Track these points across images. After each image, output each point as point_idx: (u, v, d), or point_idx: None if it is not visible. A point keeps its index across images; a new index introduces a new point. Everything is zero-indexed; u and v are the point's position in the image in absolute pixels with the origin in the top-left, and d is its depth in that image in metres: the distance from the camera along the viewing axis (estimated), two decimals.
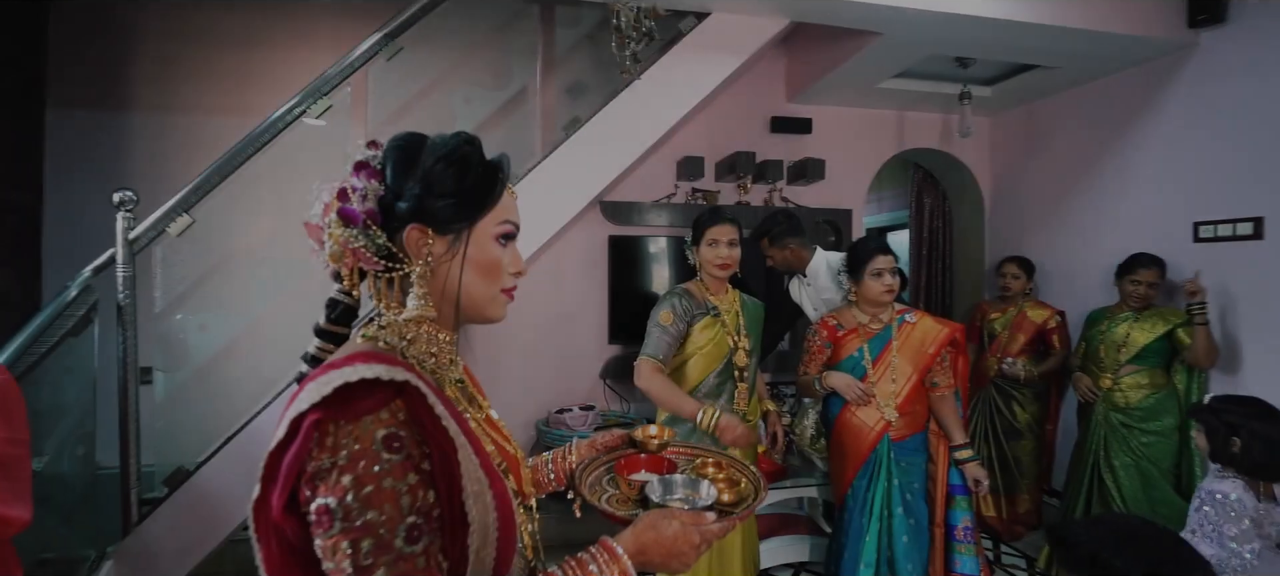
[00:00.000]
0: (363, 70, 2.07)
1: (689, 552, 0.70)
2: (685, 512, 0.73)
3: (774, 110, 3.43)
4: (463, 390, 0.77)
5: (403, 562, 0.55)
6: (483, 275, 0.72)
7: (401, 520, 0.56)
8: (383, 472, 0.56)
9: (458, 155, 0.70)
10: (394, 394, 0.59)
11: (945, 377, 2.02)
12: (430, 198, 0.68)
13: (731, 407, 1.88)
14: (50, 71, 2.72)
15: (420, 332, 0.71)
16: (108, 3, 2.77)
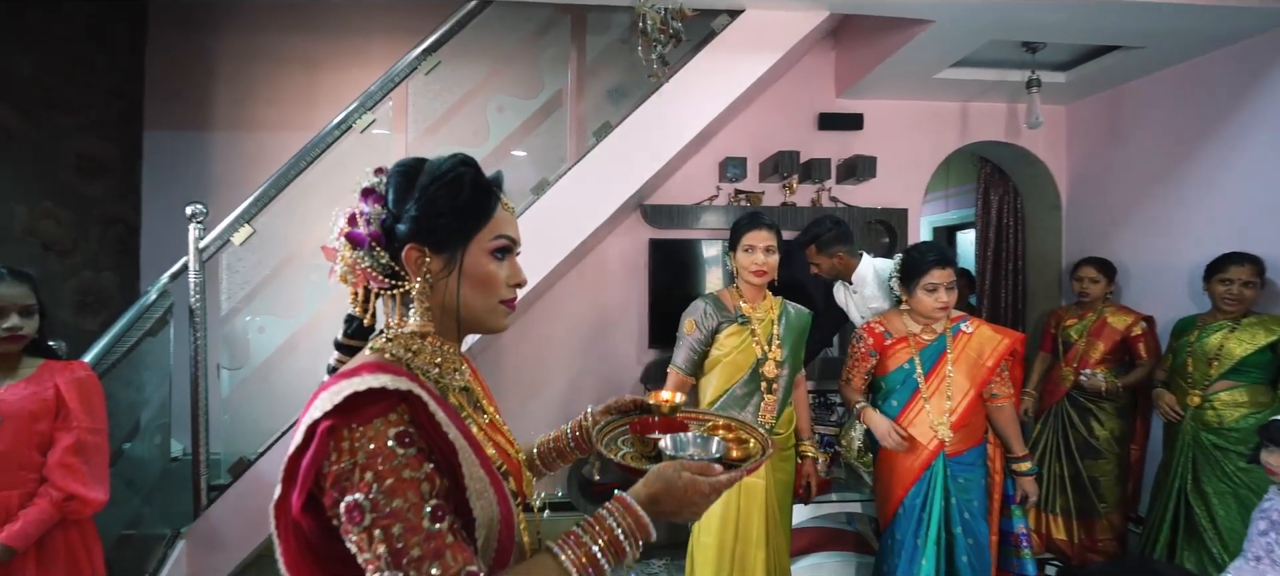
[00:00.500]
0: (403, 85, 2.18)
1: (700, 501, 0.72)
2: (695, 463, 0.74)
3: (822, 106, 3.31)
4: (468, 396, 0.81)
5: (433, 539, 0.60)
6: (479, 288, 0.76)
7: (424, 503, 0.61)
8: (401, 465, 0.61)
9: (450, 177, 0.74)
10: (399, 400, 0.64)
11: (1005, 388, 1.89)
12: (426, 218, 0.72)
13: (757, 420, 1.83)
14: (146, 99, 3.05)
15: (424, 344, 0.75)
16: (192, 33, 3.07)
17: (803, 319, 1.96)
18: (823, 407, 3.23)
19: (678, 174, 3.25)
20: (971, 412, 1.84)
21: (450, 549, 0.60)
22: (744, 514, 1.84)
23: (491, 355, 3.11)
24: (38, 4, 2.35)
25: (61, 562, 1.49)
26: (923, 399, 1.87)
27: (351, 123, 2.14)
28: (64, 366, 1.57)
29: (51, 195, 2.56)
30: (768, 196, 3.29)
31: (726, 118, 3.14)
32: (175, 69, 3.07)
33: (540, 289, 3.04)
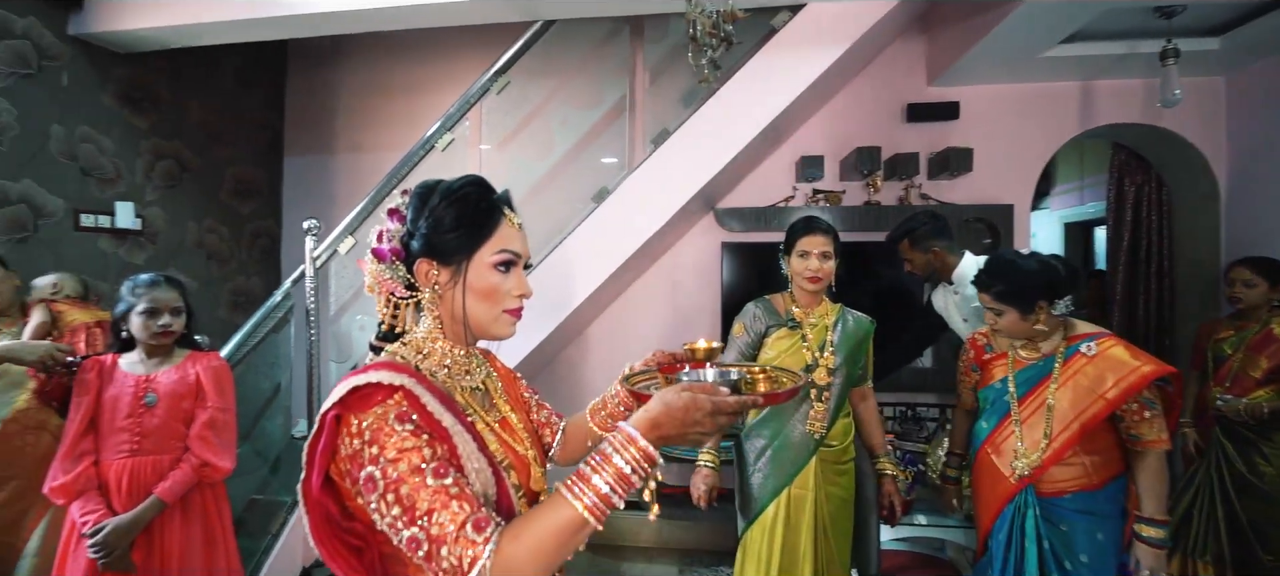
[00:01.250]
0: (479, 104, 2.37)
1: (703, 420, 0.69)
2: (695, 384, 0.72)
3: (911, 96, 3.08)
4: (479, 396, 0.88)
5: (439, 493, 0.66)
6: (483, 299, 0.82)
7: (427, 464, 0.68)
8: (402, 437, 0.69)
9: (455, 196, 0.82)
10: (394, 391, 0.73)
11: (1153, 432, 1.48)
12: (433, 234, 0.81)
13: (805, 428, 1.77)
14: (286, 129, 3.58)
15: (435, 348, 0.83)
16: (321, 70, 3.56)
17: (862, 327, 1.85)
18: (911, 421, 3.01)
19: (753, 175, 3.19)
20: (1074, 449, 1.54)
21: (456, 498, 0.66)
22: (792, 525, 1.78)
23: (567, 360, 3.27)
24: (201, 59, 2.87)
25: (198, 517, 1.81)
26: (1014, 423, 1.66)
27: (434, 143, 2.37)
28: (203, 356, 1.90)
29: (213, 214, 3.11)
30: (849, 196, 3.13)
31: (802, 115, 3.04)
32: (308, 102, 3.58)
33: (612, 293, 3.14)
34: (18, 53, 2.27)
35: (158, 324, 1.75)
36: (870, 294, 3.08)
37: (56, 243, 2.41)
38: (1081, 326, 1.60)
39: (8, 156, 2.26)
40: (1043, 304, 1.56)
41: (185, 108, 2.97)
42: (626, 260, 2.45)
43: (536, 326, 2.43)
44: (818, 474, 1.77)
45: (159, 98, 2.83)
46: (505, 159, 2.33)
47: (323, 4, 2.30)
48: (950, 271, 2.24)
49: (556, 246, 2.43)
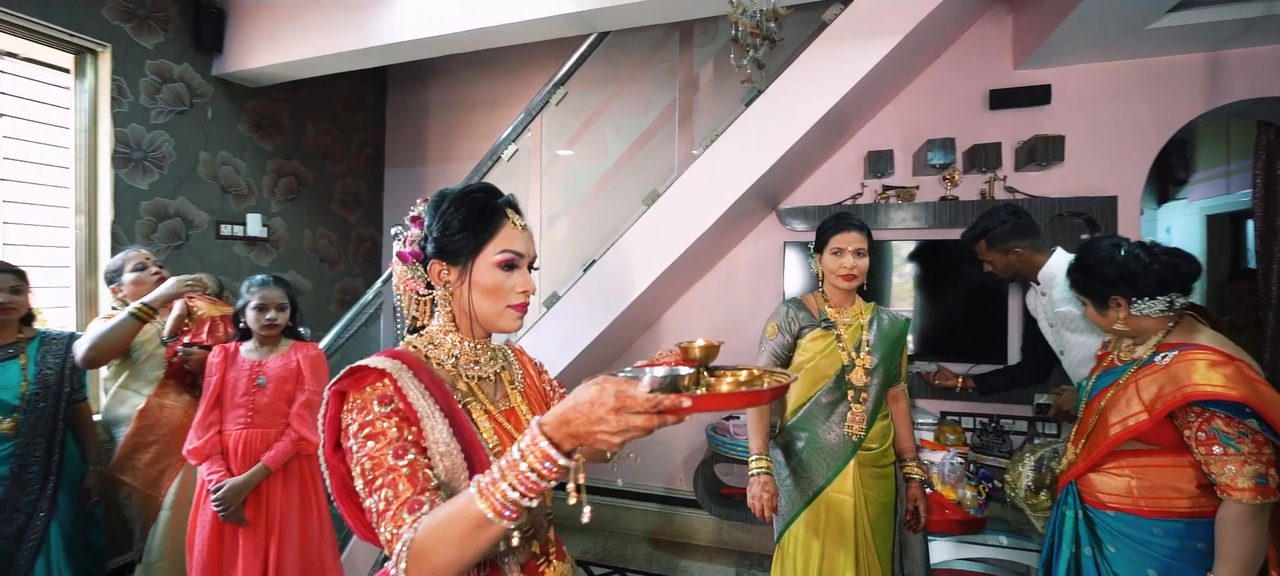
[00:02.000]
0: (539, 116, 2.54)
1: (607, 417, 0.64)
2: (611, 379, 0.67)
3: (995, 81, 2.84)
4: (490, 386, 0.96)
5: (392, 472, 0.76)
6: (487, 295, 0.91)
7: (391, 446, 0.78)
8: (377, 418, 0.80)
9: (460, 201, 0.93)
10: (382, 375, 0.84)
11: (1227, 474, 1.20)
12: (442, 237, 0.92)
13: (843, 430, 1.72)
14: (387, 144, 4.01)
15: (446, 340, 0.93)
16: (416, 89, 3.94)
17: (897, 326, 1.78)
18: (992, 433, 2.79)
19: (818, 172, 3.11)
20: (1118, 463, 1.38)
21: (404, 480, 0.75)
22: (830, 530, 1.74)
23: (634, 356, 3.37)
24: (316, 88, 3.31)
25: (297, 483, 2.11)
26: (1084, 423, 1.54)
27: (500, 153, 2.57)
28: (305, 346, 2.21)
29: (325, 222, 3.56)
30: (923, 191, 2.95)
31: (870, 108, 2.92)
32: (404, 120, 3.99)
33: (675, 292, 3.20)
34: (176, 94, 2.76)
35: (265, 317, 2.06)
36: (956, 295, 2.91)
37: (202, 249, 2.89)
38: (1200, 335, 1.34)
39: (167, 179, 2.75)
40: (1120, 299, 1.40)
41: (303, 131, 3.43)
42: (681, 259, 2.49)
43: (594, 321, 2.55)
44: (857, 477, 1.72)
45: (282, 123, 3.29)
46: (563, 166, 2.47)
47: (408, 33, 2.58)
48: (1036, 270, 2.05)
49: (611, 246, 2.54)
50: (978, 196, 2.84)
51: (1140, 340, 1.42)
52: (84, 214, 2.52)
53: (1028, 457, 2.34)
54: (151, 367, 2.24)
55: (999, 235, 2.04)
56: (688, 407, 0.66)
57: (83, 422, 2.10)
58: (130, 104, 2.59)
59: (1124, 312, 1.41)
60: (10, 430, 1.89)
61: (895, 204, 2.93)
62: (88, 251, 2.53)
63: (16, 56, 2.35)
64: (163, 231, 2.72)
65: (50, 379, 1.98)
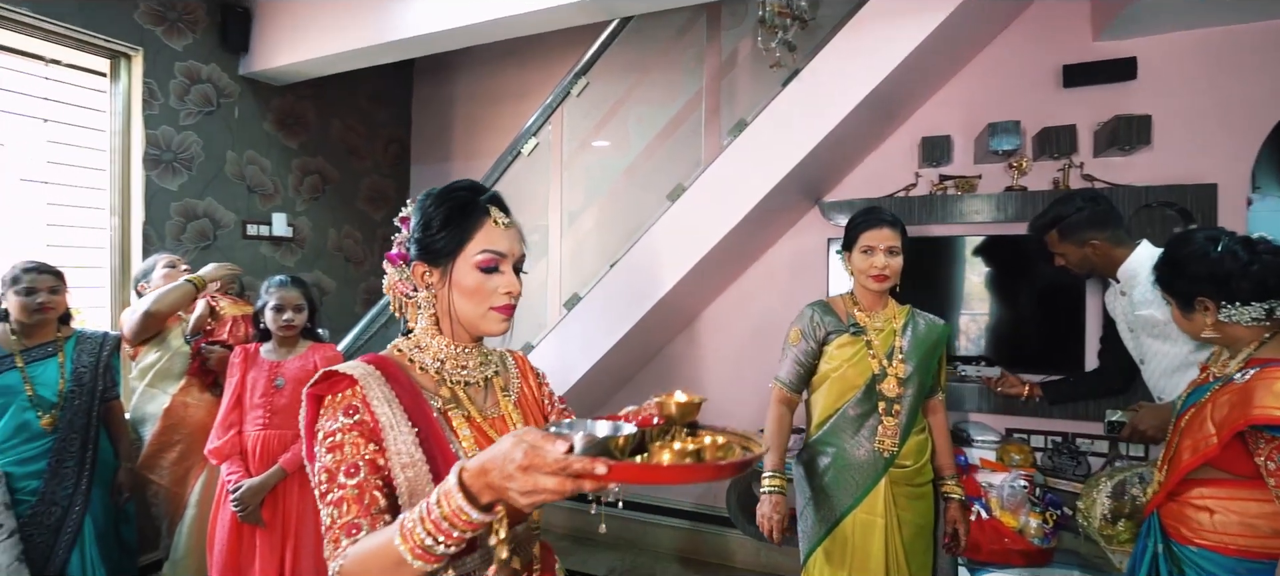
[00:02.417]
0: (560, 108, 2.60)
1: (515, 474, 0.64)
2: (532, 431, 0.67)
3: (1070, 56, 2.71)
4: (476, 391, 0.99)
5: (340, 489, 0.82)
6: (468, 298, 0.93)
7: (343, 464, 0.83)
8: (340, 430, 0.85)
9: (441, 200, 0.96)
10: (354, 382, 0.89)
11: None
12: (423, 238, 0.95)
13: (873, 446, 1.70)
14: (412, 139, 4.19)
15: (432, 344, 0.96)
16: (440, 83, 4.10)
17: (935, 331, 1.74)
18: (1066, 454, 2.67)
19: (867, 162, 3.05)
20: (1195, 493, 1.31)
21: (350, 500, 0.80)
22: (858, 554, 1.72)
23: (664, 361, 3.39)
24: (341, 84, 3.50)
25: None
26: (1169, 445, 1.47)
27: (519, 148, 2.65)
28: (323, 347, 2.35)
29: (350, 221, 3.76)
30: (986, 180, 2.85)
31: (924, 90, 2.84)
32: (430, 115, 4.16)
33: (712, 292, 3.20)
34: (204, 94, 2.99)
35: (283, 318, 2.20)
36: (1025, 296, 2.79)
37: (229, 249, 3.11)
38: None
39: (196, 180, 2.98)
40: (1207, 302, 1.32)
41: (328, 127, 3.64)
42: (711, 257, 2.51)
43: (617, 323, 2.59)
44: (888, 497, 1.69)
45: (307, 121, 3.50)
46: (584, 159, 2.53)
47: (428, 26, 2.69)
48: (1115, 265, 1.94)
49: (634, 244, 2.58)
50: (1049, 185, 2.72)
51: (1232, 352, 1.34)
52: (118, 215, 2.77)
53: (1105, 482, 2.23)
54: (177, 366, 2.44)
55: (1074, 224, 1.92)
56: (602, 475, 0.63)
57: (115, 420, 2.31)
58: (161, 105, 2.82)
59: (1211, 317, 1.33)
60: (49, 425, 2.10)
61: (953, 195, 2.84)
62: (121, 252, 2.77)
63: (59, 63, 2.61)
64: (191, 232, 2.95)
65: (86, 377, 2.19)
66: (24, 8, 2.38)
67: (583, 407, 3.19)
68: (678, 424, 0.86)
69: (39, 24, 2.46)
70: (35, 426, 2.07)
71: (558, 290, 2.71)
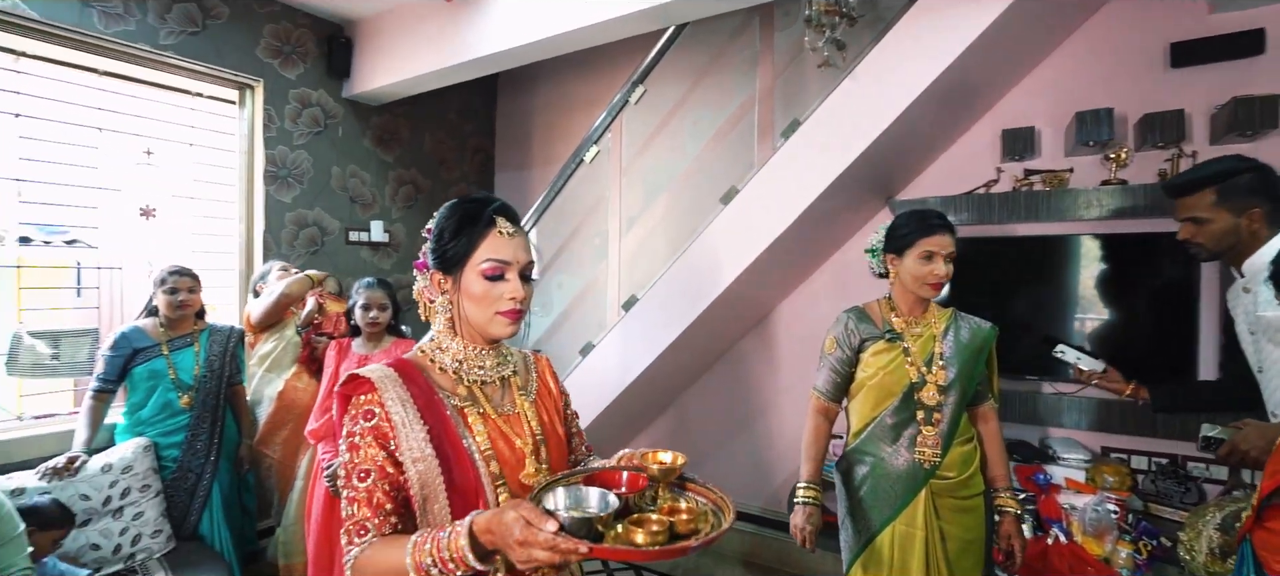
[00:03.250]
0: (619, 116, 2.71)
1: (515, 546, 0.75)
2: (529, 508, 0.76)
3: (1179, 32, 2.45)
4: (490, 389, 1.05)
5: (353, 491, 0.92)
6: (475, 303, 1.01)
7: (359, 466, 0.92)
8: (359, 432, 0.94)
9: (452, 212, 1.06)
10: (373, 386, 0.95)
11: None
12: (437, 247, 1.05)
13: (913, 456, 1.65)
14: (496, 148, 4.48)
15: (451, 345, 1.05)
16: (521, 94, 4.35)
17: (980, 336, 1.66)
18: (1172, 478, 2.42)
19: (944, 157, 2.92)
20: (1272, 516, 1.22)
21: (361, 501, 0.91)
22: (898, 568, 1.67)
23: (729, 366, 3.41)
24: (431, 101, 3.83)
25: None
26: None
27: (582, 156, 2.79)
28: (404, 343, 2.61)
29: None
30: (1079, 174, 2.63)
31: (1008, 77, 2.68)
32: (513, 123, 4.43)
33: (777, 294, 3.19)
34: (313, 116, 3.40)
35: (369, 316, 2.48)
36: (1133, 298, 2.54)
37: (334, 254, 3.51)
38: None
39: (308, 192, 3.39)
40: None
41: (420, 141, 3.99)
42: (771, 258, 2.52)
43: (679, 318, 2.66)
44: (929, 509, 1.64)
45: (401, 136, 3.86)
46: (641, 164, 2.60)
47: (502, 43, 2.90)
48: (1248, 253, 1.66)
49: (690, 245, 2.63)
50: (1154, 178, 2.47)
51: None
52: (243, 224, 3.22)
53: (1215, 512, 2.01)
54: (290, 356, 2.80)
55: (1239, 186, 1.56)
56: (585, 553, 0.74)
57: (239, 402, 2.70)
58: (277, 128, 3.25)
59: None
60: (187, 404, 2.50)
61: (1041, 191, 2.64)
62: (245, 256, 3.22)
63: (201, 95, 3.08)
64: (302, 238, 3.36)
65: (215, 364, 2.58)
66: (172, 53, 2.84)
67: (648, 402, 3.28)
68: (661, 482, 0.93)
69: (185, 65, 2.92)
70: (176, 405, 2.47)
71: (617, 292, 2.82)
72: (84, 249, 2.82)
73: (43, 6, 2.48)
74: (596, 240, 3.18)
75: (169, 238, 2.97)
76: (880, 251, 1.77)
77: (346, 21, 3.47)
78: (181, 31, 2.86)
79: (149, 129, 2.91)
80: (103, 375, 2.39)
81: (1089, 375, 1.88)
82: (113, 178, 2.82)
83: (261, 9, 3.15)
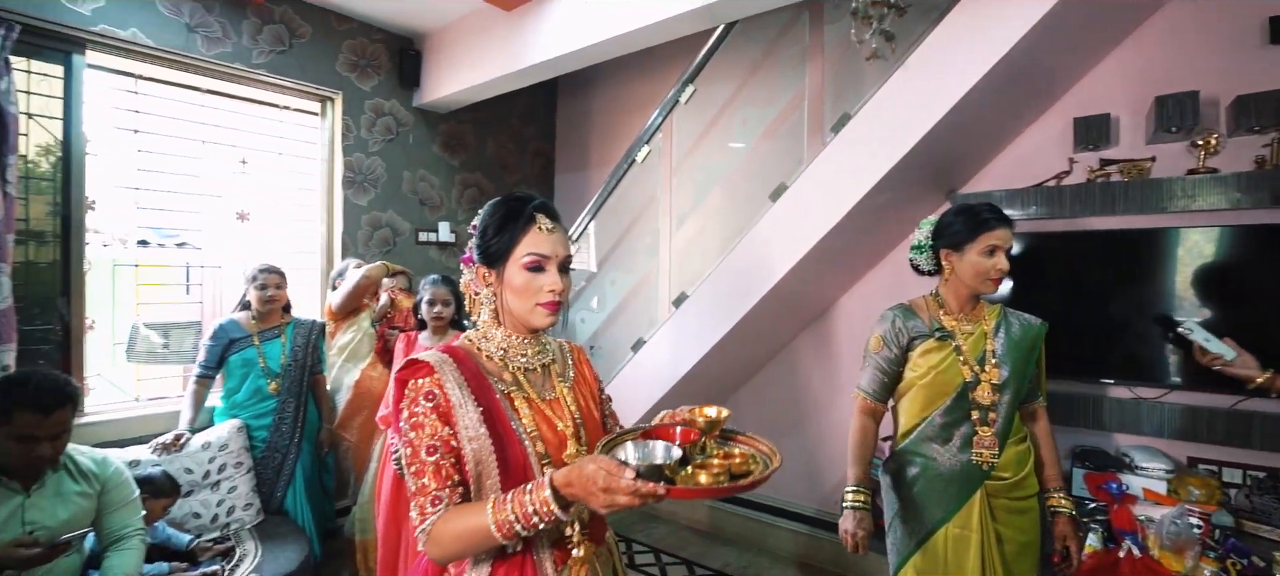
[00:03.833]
0: (670, 116, 2.76)
1: (598, 493, 0.83)
2: (607, 460, 0.84)
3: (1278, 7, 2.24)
4: (534, 376, 1.12)
5: (422, 464, 0.99)
6: (517, 295, 1.07)
7: (425, 443, 0.99)
8: (422, 412, 1.01)
9: (495, 209, 1.14)
10: (432, 369, 1.04)
11: None
12: (482, 242, 1.13)
13: (968, 456, 1.60)
14: (556, 151, 4.63)
15: (495, 333, 1.12)
16: (579, 98, 4.48)
17: (1031, 333, 1.60)
18: (1270, 492, 2.22)
19: (1011, 146, 2.79)
20: None
21: (430, 474, 0.98)
22: (953, 569, 1.64)
23: (784, 365, 3.38)
24: (494, 107, 4.01)
25: None
26: None
27: (634, 157, 2.86)
28: None
29: None
30: (1162, 162, 2.46)
31: (1081, 61, 2.54)
32: (572, 126, 4.56)
33: (835, 290, 3.15)
34: (386, 126, 3.64)
35: (433, 311, 2.64)
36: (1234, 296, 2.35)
37: (406, 253, 3.74)
38: None
39: (382, 196, 3.64)
40: None
41: (484, 146, 4.18)
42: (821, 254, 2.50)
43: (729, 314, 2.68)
44: (984, 511, 1.60)
45: (466, 142, 4.06)
46: (692, 162, 2.63)
47: (557, 49, 3.01)
48: None
49: (739, 242, 2.65)
50: (1251, 165, 2.28)
51: None
52: (324, 225, 3.49)
53: None
54: (366, 347, 3.02)
55: None
56: (663, 494, 0.83)
57: (319, 389, 2.93)
58: (354, 137, 3.50)
59: None
60: (274, 390, 2.75)
61: (1118, 182, 2.49)
62: (326, 255, 3.49)
63: (288, 109, 3.37)
64: (376, 239, 3.61)
65: (299, 354, 2.82)
66: (263, 71, 3.13)
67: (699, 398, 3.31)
68: (708, 434, 1.02)
69: (274, 81, 3.21)
70: (265, 391, 2.73)
71: (667, 289, 2.87)
72: (190, 250, 3.15)
73: (157, 34, 2.80)
74: (648, 238, 3.24)
75: (260, 239, 3.27)
76: (929, 247, 1.73)
77: (416, 34, 3.69)
78: (271, 51, 3.14)
79: (244, 140, 3.22)
80: (204, 363, 2.67)
81: (1216, 359, 1.65)
82: (213, 185, 3.13)
83: (340, 27, 3.41)
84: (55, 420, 1.70)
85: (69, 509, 1.78)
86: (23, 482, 1.73)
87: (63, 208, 2.63)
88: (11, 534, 1.64)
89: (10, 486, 1.71)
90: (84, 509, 1.82)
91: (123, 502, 1.94)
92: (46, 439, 1.69)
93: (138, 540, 1.93)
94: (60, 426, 1.72)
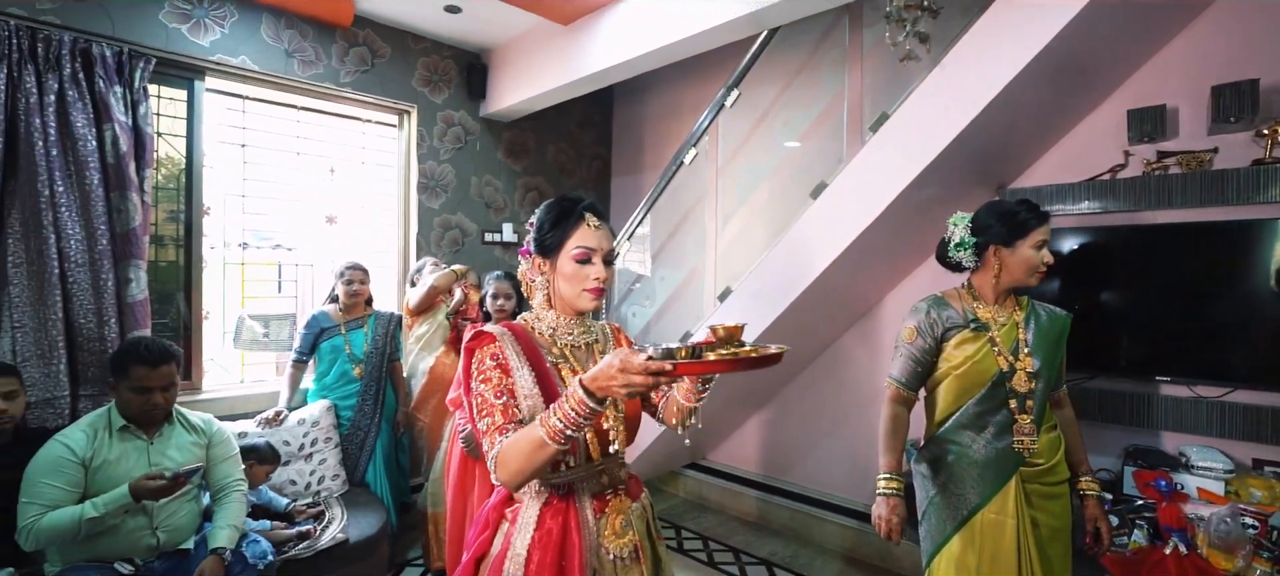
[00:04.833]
0: (717, 119, 2.90)
1: (616, 375, 0.94)
2: (623, 350, 0.97)
3: None
4: (579, 352, 1.28)
5: (492, 407, 1.14)
6: (568, 282, 1.24)
7: (494, 389, 1.16)
8: (489, 368, 1.18)
9: (550, 208, 1.33)
10: (494, 338, 1.29)
11: None
12: (538, 236, 1.32)
13: (1005, 443, 1.66)
14: (612, 155, 4.84)
15: (546, 316, 1.29)
16: (634, 103, 4.66)
17: (1058, 323, 1.65)
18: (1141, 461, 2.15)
19: (1064, 140, 2.77)
20: None
21: (499, 412, 1.14)
22: (986, 557, 1.68)
23: (830, 362, 3.44)
24: (554, 115, 4.27)
25: None
26: None
27: (681, 159, 3.02)
28: None
29: None
30: (1224, 153, 2.39)
31: (1136, 52, 2.50)
32: (626, 133, 4.76)
33: (878, 289, 3.19)
34: (456, 135, 3.95)
35: (496, 304, 2.88)
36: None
37: (472, 252, 4.04)
38: None
39: (452, 199, 3.95)
40: None
41: (545, 151, 4.44)
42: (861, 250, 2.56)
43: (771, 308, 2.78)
44: (1019, 496, 1.65)
45: (528, 148, 4.34)
46: (736, 164, 2.74)
47: (610, 59, 3.21)
48: None
49: (781, 239, 2.75)
50: None
51: None
52: (401, 227, 3.83)
53: None
54: (439, 338, 3.31)
55: None
56: (670, 369, 0.93)
57: (397, 375, 3.24)
58: (428, 146, 3.83)
59: None
60: (358, 375, 3.06)
61: (1176, 175, 2.44)
62: (402, 254, 3.83)
63: (371, 121, 3.73)
64: (447, 239, 3.92)
65: (380, 343, 3.13)
66: (349, 88, 3.49)
67: (746, 393, 3.42)
68: (726, 343, 1.08)
69: (359, 98, 3.57)
70: (350, 375, 3.05)
71: (713, 284, 3.00)
72: (285, 251, 3.54)
73: (261, 60, 3.18)
74: (695, 236, 3.38)
75: (346, 239, 3.63)
76: (972, 244, 1.76)
77: (483, 50, 3.99)
78: (356, 71, 3.50)
79: (331, 151, 3.59)
80: (298, 349, 3.02)
81: None
82: (305, 193, 3.51)
83: (416, 46, 3.74)
84: (163, 372, 2.04)
85: (185, 453, 2.12)
86: (147, 432, 2.07)
87: (185, 214, 3.05)
88: (141, 471, 1.98)
89: (138, 435, 2.06)
90: (196, 455, 2.16)
91: (225, 456, 2.26)
92: (158, 389, 2.03)
93: (238, 493, 2.24)
94: (168, 378, 2.06)
